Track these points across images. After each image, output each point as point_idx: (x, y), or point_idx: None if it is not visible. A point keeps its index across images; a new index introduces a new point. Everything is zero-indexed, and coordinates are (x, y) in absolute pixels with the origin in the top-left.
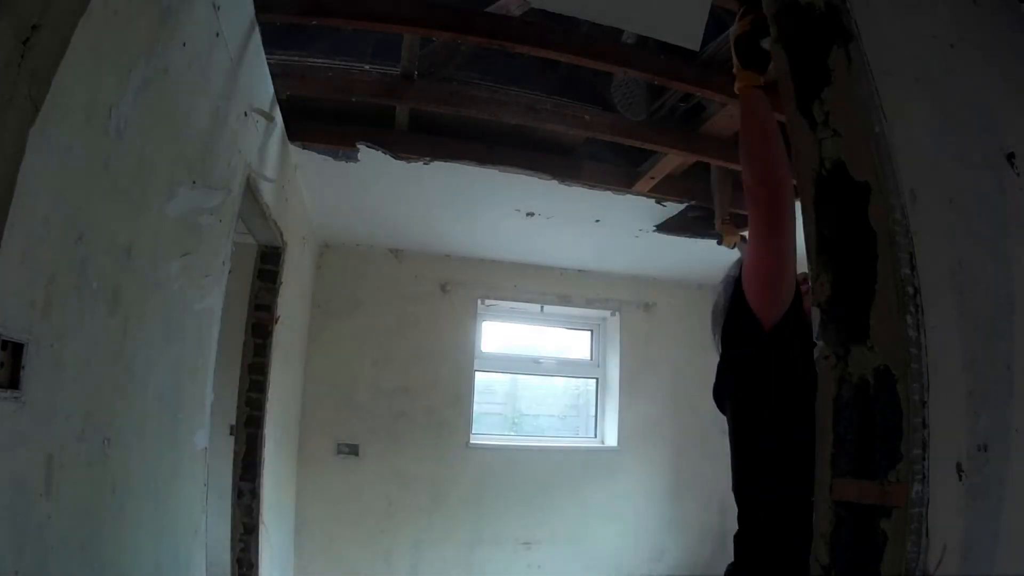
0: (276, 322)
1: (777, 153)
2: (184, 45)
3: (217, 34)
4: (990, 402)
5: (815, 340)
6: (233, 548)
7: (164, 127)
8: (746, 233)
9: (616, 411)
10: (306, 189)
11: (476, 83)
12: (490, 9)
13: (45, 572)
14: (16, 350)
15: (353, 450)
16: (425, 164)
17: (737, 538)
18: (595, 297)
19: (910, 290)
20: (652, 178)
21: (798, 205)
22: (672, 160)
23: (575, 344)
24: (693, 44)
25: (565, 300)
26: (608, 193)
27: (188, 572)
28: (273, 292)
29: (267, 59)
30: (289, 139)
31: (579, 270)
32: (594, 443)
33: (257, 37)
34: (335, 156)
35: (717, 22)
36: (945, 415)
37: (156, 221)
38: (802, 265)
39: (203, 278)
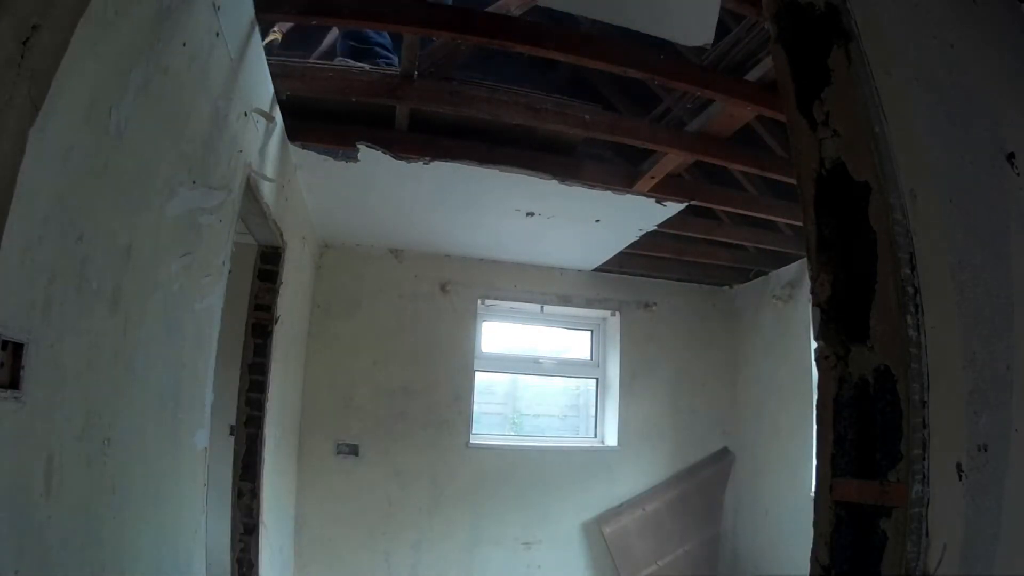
0: (276, 322)
1: None
2: (184, 45)
3: (217, 34)
4: (990, 402)
5: (815, 340)
6: (233, 548)
7: (164, 127)
8: None
9: (616, 411)
10: (306, 189)
11: (476, 83)
12: (490, 9)
13: (45, 572)
14: (16, 350)
15: (353, 450)
16: (425, 164)
17: None
18: (595, 297)
19: (910, 290)
20: (652, 177)
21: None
22: (672, 160)
23: (575, 344)
24: (704, 42)
25: (565, 300)
26: (608, 193)
27: (188, 572)
28: (273, 292)
29: (267, 59)
30: (289, 139)
31: (579, 270)
32: (594, 443)
33: (257, 37)
34: (335, 156)
35: (719, 22)
36: (945, 415)
37: (156, 221)
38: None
39: (203, 278)
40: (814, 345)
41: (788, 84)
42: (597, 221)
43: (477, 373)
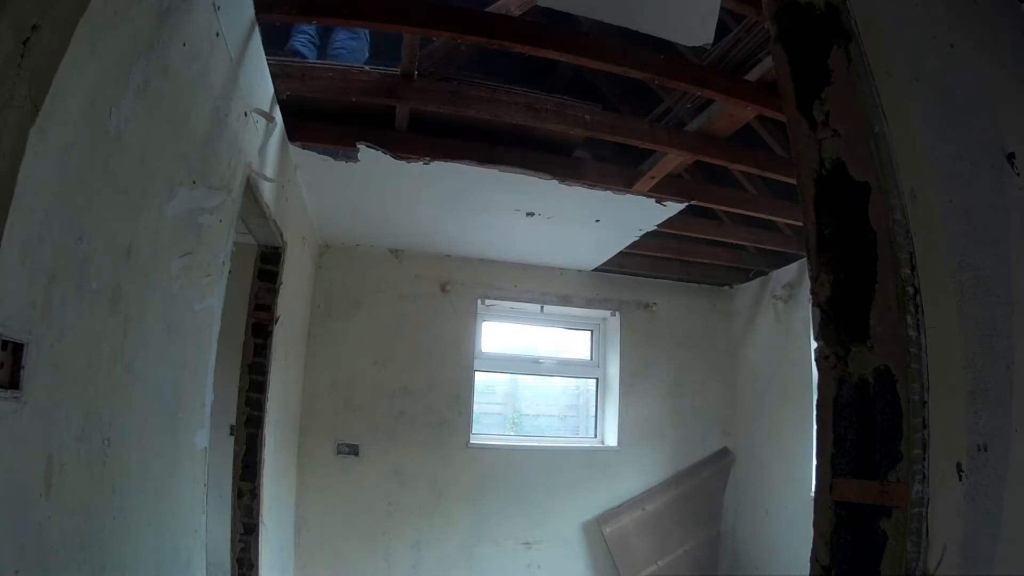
0: (276, 322)
1: None
2: (184, 45)
3: (217, 34)
4: (990, 402)
5: (815, 340)
6: (233, 548)
7: (164, 127)
8: None
9: (616, 411)
10: (306, 189)
11: (476, 83)
12: (490, 9)
13: (45, 572)
14: (16, 350)
15: (353, 450)
16: (425, 164)
17: None
18: (595, 297)
19: (910, 290)
20: (652, 177)
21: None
22: (672, 160)
23: (575, 344)
24: (704, 42)
25: (565, 300)
26: (608, 193)
27: (188, 572)
28: (273, 292)
29: (267, 59)
30: (289, 139)
31: (579, 270)
32: (594, 443)
33: (257, 37)
34: (335, 156)
35: (719, 22)
36: (945, 415)
37: (156, 221)
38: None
39: (203, 278)
40: (814, 345)
41: (788, 84)
42: (597, 221)
43: (477, 373)
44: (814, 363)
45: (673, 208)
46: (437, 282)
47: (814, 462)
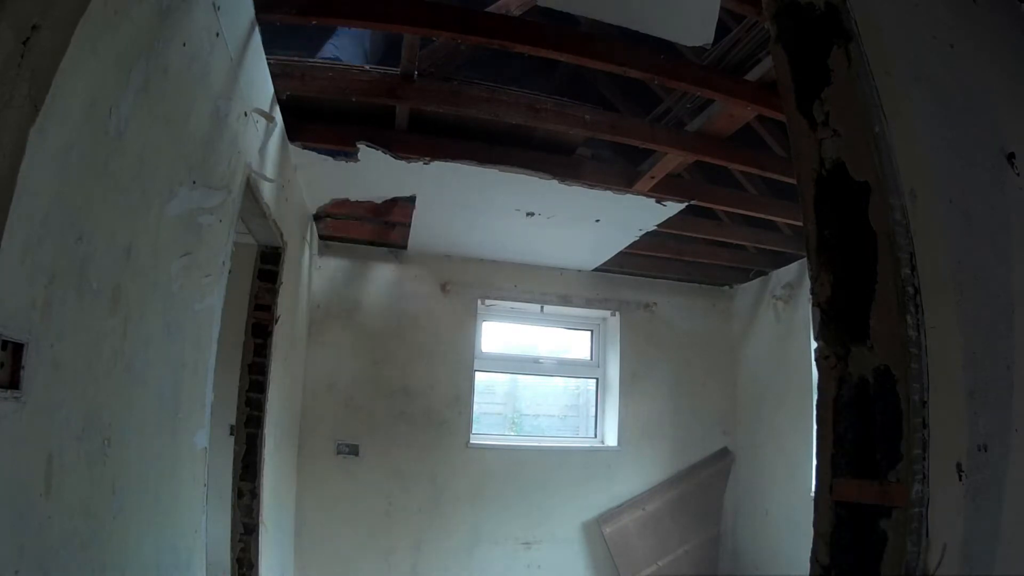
0: (276, 322)
1: None
2: (184, 45)
3: (217, 34)
4: (990, 402)
5: (815, 340)
6: (233, 548)
7: (164, 127)
8: None
9: (616, 411)
10: (306, 189)
11: (476, 83)
12: (490, 9)
13: (45, 572)
14: (16, 350)
15: (353, 450)
16: (425, 164)
17: None
18: (595, 297)
19: (910, 290)
20: (652, 177)
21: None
22: (672, 159)
23: (575, 344)
24: (704, 42)
25: (565, 300)
26: (608, 193)
27: (188, 572)
28: (273, 292)
29: (267, 59)
30: (289, 139)
31: (579, 270)
32: (594, 443)
33: (257, 37)
34: (335, 156)
35: (719, 22)
36: (945, 415)
37: (156, 221)
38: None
39: (203, 278)
40: (814, 345)
41: (788, 84)
42: (597, 221)
43: (477, 373)
44: (814, 363)
45: (673, 208)
46: (437, 282)
47: (814, 462)
